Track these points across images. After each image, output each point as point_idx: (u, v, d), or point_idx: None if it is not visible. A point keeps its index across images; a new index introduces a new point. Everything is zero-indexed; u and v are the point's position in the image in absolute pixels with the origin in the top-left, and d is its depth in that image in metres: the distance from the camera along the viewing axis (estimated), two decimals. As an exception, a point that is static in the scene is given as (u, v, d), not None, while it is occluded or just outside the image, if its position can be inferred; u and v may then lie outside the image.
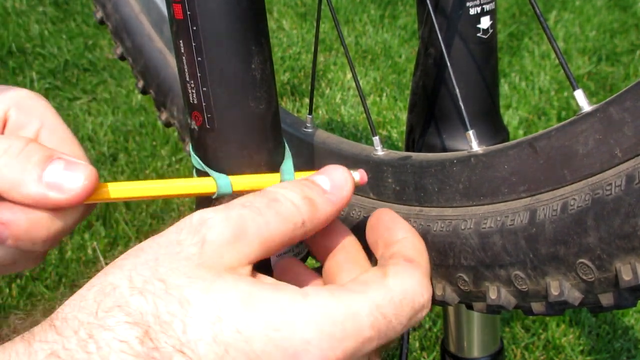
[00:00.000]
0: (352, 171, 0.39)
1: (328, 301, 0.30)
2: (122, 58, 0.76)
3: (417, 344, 1.18)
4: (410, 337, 1.02)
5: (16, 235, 0.34)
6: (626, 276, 0.31)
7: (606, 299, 0.33)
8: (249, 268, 0.32)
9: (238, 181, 0.39)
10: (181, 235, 0.32)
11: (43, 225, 0.35)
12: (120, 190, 0.37)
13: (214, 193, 0.39)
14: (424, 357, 1.16)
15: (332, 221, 0.37)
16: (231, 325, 0.29)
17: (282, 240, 0.33)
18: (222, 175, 0.39)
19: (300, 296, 0.30)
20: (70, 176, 0.34)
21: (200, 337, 0.29)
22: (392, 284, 0.32)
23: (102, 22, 0.79)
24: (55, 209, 0.35)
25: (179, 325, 0.29)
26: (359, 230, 0.46)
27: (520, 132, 1.72)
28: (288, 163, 0.41)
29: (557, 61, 2.03)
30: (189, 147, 0.41)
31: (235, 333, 0.29)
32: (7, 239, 0.34)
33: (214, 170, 0.39)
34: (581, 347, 1.18)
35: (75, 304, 0.30)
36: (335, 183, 0.36)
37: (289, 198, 0.34)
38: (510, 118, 1.76)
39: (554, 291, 0.34)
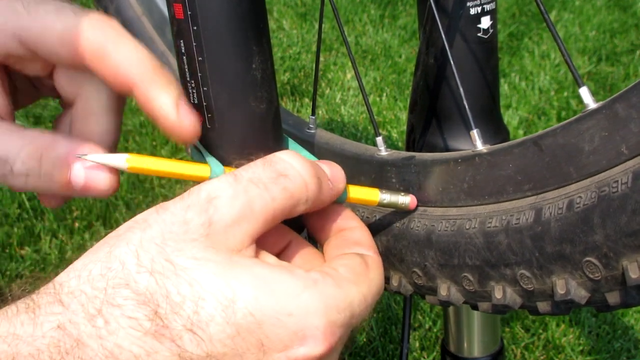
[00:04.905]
0: (402, 195, 0.41)
1: (334, 291, 0.33)
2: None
3: (417, 344, 1.18)
4: (410, 337, 1.01)
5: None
6: (633, 274, 0.31)
7: (613, 298, 0.33)
8: (253, 247, 0.34)
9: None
10: (188, 214, 0.32)
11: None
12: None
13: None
14: (424, 357, 1.16)
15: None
16: (244, 308, 0.31)
17: (283, 215, 0.35)
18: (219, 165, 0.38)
19: (311, 282, 0.33)
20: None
21: (211, 318, 0.30)
22: (372, 278, 0.36)
23: (103, 24, 0.78)
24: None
25: (190, 305, 0.30)
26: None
27: (520, 132, 1.72)
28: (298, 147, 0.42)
29: (557, 61, 2.03)
30: (190, 149, 0.41)
31: (248, 316, 0.31)
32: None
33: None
34: (581, 347, 1.17)
35: (81, 278, 0.31)
36: (334, 176, 0.38)
37: (301, 173, 0.35)
38: (510, 118, 1.76)
39: (560, 290, 0.34)
